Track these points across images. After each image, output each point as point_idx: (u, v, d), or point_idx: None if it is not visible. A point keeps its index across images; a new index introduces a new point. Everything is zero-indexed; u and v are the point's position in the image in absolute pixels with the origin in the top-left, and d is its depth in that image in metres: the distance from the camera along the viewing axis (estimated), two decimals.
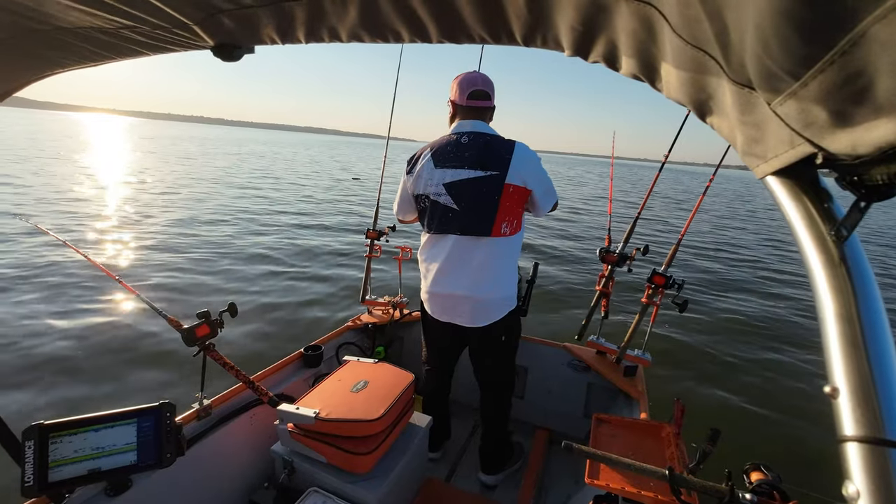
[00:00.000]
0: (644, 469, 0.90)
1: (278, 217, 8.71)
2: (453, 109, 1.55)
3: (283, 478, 1.38)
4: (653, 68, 0.44)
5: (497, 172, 1.41)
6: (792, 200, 0.37)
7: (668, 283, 1.81)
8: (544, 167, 1.53)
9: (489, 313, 1.53)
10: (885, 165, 0.29)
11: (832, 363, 0.32)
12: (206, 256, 5.66)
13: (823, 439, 2.86)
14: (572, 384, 2.04)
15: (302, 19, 0.53)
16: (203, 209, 8.79)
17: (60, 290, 4.19)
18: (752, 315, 5.19)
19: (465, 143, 1.47)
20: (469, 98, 1.50)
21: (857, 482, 0.29)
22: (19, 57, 0.70)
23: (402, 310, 2.24)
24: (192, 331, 1.34)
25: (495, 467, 1.79)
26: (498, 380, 1.71)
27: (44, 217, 6.92)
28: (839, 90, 0.27)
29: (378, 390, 1.40)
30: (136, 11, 0.52)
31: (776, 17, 0.26)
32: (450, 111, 1.57)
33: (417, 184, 1.54)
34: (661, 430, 1.35)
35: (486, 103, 1.52)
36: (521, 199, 1.47)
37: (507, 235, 1.47)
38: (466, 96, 1.50)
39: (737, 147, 0.44)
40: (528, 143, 1.46)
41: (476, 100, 1.50)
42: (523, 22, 0.45)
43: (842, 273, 0.33)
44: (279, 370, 1.77)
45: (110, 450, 1.06)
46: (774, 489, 0.86)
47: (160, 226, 7.08)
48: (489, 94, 1.51)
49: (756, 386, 3.56)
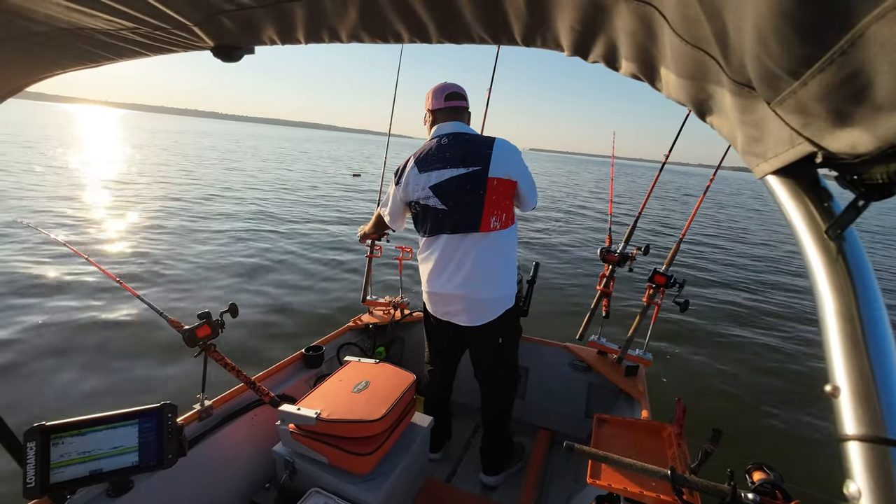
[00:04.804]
0: (646, 469, 0.90)
1: (278, 217, 8.71)
2: (432, 117, 1.59)
3: (284, 478, 1.38)
4: (652, 68, 0.44)
5: (479, 167, 1.44)
6: (792, 200, 0.37)
7: (669, 283, 1.81)
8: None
9: (485, 312, 1.53)
10: (884, 164, 0.29)
11: (832, 362, 0.32)
12: (207, 256, 5.67)
13: (825, 438, 2.85)
14: (573, 384, 2.04)
15: (302, 20, 0.53)
16: (203, 209, 8.80)
17: (60, 290, 4.19)
18: (754, 314, 5.18)
19: (445, 144, 1.50)
20: (447, 99, 1.56)
21: (858, 481, 0.29)
22: (20, 58, 0.70)
23: (403, 310, 2.24)
24: (193, 332, 1.34)
25: (496, 468, 1.79)
26: (498, 380, 1.70)
27: (38, 216, 6.93)
28: (839, 89, 0.27)
29: (379, 391, 1.40)
30: (137, 13, 0.52)
31: (776, 16, 0.26)
32: (428, 120, 1.61)
33: (406, 192, 1.57)
34: (662, 430, 1.34)
35: (464, 103, 1.58)
36: (508, 191, 1.48)
37: (497, 230, 1.48)
38: (444, 98, 1.55)
39: (737, 146, 0.44)
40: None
41: (453, 101, 1.56)
42: (523, 22, 0.46)
43: (842, 271, 0.33)
44: (280, 371, 1.77)
45: (112, 451, 1.07)
46: (776, 488, 0.86)
47: (160, 226, 7.09)
48: (463, 95, 1.58)
49: (757, 385, 3.55)
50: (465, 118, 1.60)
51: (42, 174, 11.33)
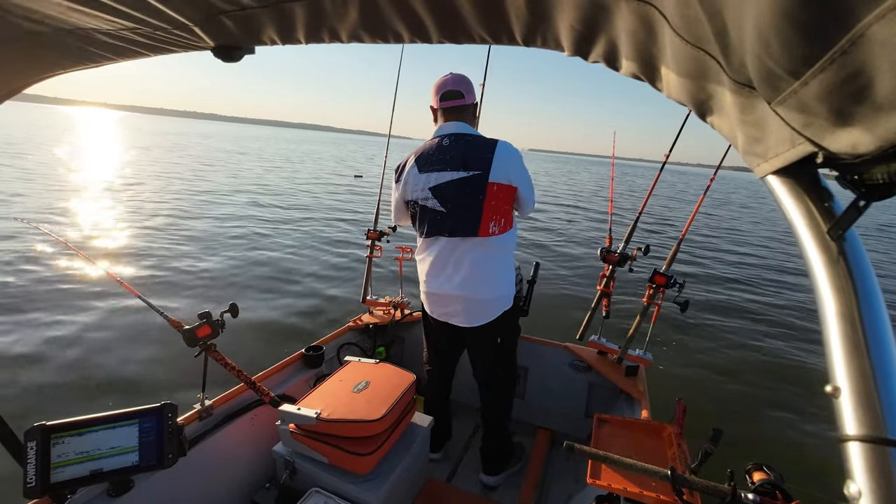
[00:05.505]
0: (646, 469, 0.90)
1: (279, 216, 8.71)
2: (434, 114, 1.58)
3: (284, 478, 1.38)
4: (653, 68, 0.44)
5: (479, 172, 1.42)
6: (792, 199, 0.37)
7: (669, 283, 1.81)
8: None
9: (483, 313, 1.53)
10: (885, 164, 0.29)
11: (833, 362, 0.32)
12: (206, 257, 5.67)
13: (825, 439, 2.85)
14: (573, 384, 2.04)
15: (302, 20, 0.53)
16: (203, 208, 8.80)
17: (59, 290, 4.19)
18: (754, 314, 5.18)
19: (446, 146, 1.48)
20: (441, 100, 1.52)
21: (858, 481, 0.29)
22: (21, 58, 0.70)
23: (403, 310, 2.24)
24: (193, 332, 1.34)
25: (496, 468, 1.79)
26: (496, 380, 1.70)
27: (38, 214, 6.94)
28: (839, 89, 0.27)
29: (379, 391, 1.40)
30: (137, 13, 0.52)
31: (776, 16, 0.26)
32: (433, 116, 1.60)
33: (405, 190, 1.56)
34: (662, 430, 1.34)
35: (460, 102, 1.51)
36: (508, 197, 1.46)
37: (495, 235, 1.46)
38: (439, 99, 1.52)
39: (737, 146, 0.44)
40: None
41: (449, 101, 1.51)
42: (523, 22, 0.46)
43: (842, 272, 0.33)
44: (280, 371, 1.77)
45: (112, 450, 1.07)
46: (777, 489, 0.86)
47: (160, 225, 7.09)
48: (461, 92, 1.51)
49: (758, 385, 3.55)
50: (468, 115, 1.55)
51: (49, 175, 11.34)
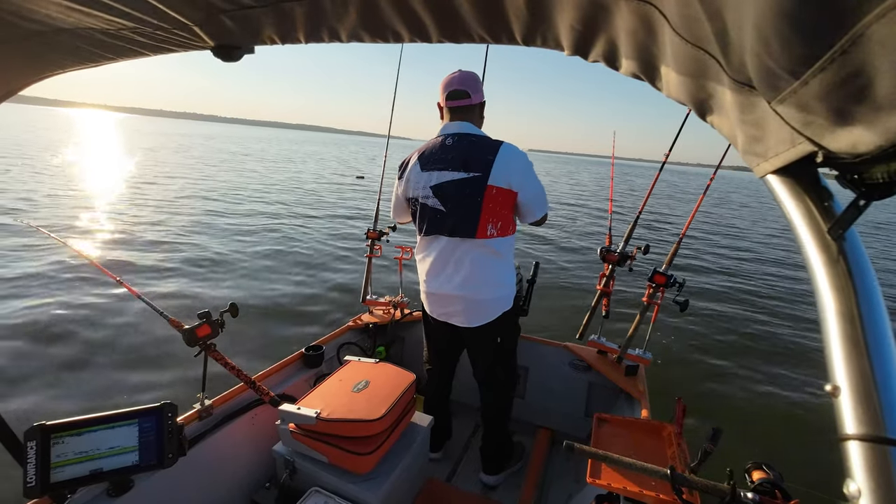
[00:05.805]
0: (646, 468, 0.90)
1: (279, 216, 8.71)
2: (441, 111, 1.57)
3: (284, 478, 1.38)
4: (653, 67, 0.44)
5: (479, 174, 1.40)
6: (792, 199, 0.37)
7: (668, 283, 1.81)
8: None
9: (483, 313, 1.53)
10: (885, 163, 0.29)
11: (833, 361, 0.32)
12: (206, 256, 5.67)
13: (825, 438, 2.85)
14: (573, 384, 2.04)
15: (302, 20, 0.53)
16: (203, 209, 8.80)
17: (59, 291, 4.19)
18: (754, 313, 5.18)
19: (449, 145, 1.47)
20: (448, 99, 1.50)
21: (858, 480, 0.29)
22: (20, 58, 0.70)
23: (403, 310, 2.24)
24: (193, 331, 1.34)
25: (496, 467, 1.79)
26: (497, 380, 1.70)
27: (37, 214, 6.93)
28: (839, 89, 0.27)
29: (379, 390, 1.40)
30: (137, 12, 0.52)
31: (776, 16, 0.26)
32: (440, 113, 1.59)
33: (407, 188, 1.55)
34: (662, 429, 1.34)
35: (466, 102, 1.49)
36: (507, 201, 1.44)
37: (494, 237, 1.45)
38: (445, 97, 1.50)
39: (737, 146, 0.44)
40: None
41: (454, 100, 1.49)
42: (523, 22, 0.46)
43: (842, 271, 0.33)
44: (280, 370, 1.77)
45: (112, 450, 1.07)
46: (776, 488, 0.86)
47: (159, 225, 7.09)
48: (468, 92, 1.48)
49: (758, 384, 3.55)
50: (474, 115, 1.52)
51: (53, 176, 11.34)
